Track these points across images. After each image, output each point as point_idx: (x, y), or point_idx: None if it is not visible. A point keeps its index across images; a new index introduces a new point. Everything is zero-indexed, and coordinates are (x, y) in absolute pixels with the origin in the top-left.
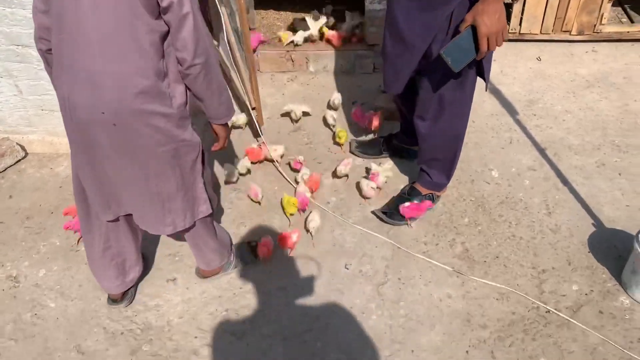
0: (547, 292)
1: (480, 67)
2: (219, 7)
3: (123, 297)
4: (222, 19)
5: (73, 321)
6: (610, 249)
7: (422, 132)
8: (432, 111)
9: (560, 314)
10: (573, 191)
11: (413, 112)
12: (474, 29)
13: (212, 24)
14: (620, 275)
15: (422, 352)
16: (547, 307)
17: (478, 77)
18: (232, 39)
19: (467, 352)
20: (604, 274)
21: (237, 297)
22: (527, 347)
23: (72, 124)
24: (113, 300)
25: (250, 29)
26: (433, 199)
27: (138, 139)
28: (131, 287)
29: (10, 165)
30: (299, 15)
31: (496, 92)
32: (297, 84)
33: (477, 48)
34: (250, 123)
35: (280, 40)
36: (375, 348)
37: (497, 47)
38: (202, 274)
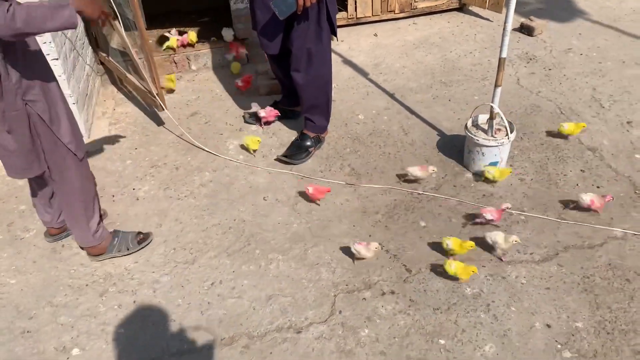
0: (416, 182)
1: (332, 27)
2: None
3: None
4: (117, 27)
5: (38, 288)
6: (453, 147)
7: (300, 82)
8: (303, 62)
9: (427, 193)
10: (419, 117)
11: (288, 75)
12: None
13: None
14: (462, 161)
15: (336, 237)
16: (418, 191)
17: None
18: (127, 40)
19: (368, 230)
20: (452, 164)
21: (179, 237)
22: (409, 218)
23: None
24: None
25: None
26: (320, 140)
27: None
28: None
29: None
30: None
31: (349, 63)
32: (184, 82)
33: (296, 3)
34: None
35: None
36: (302, 242)
37: (310, 4)
38: (87, 252)
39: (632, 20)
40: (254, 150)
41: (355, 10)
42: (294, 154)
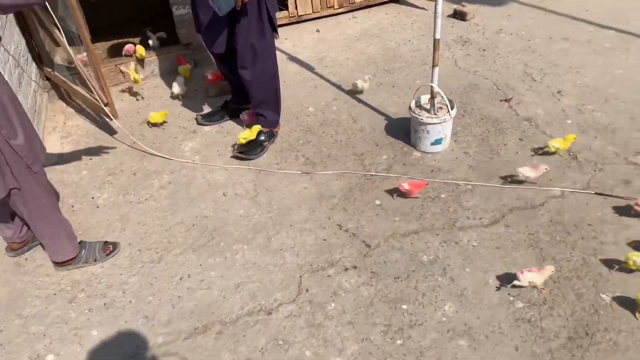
0: (368, 165)
1: (272, 24)
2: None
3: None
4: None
5: (4, 301)
6: (400, 130)
7: (247, 79)
8: (249, 58)
9: (380, 174)
10: (367, 104)
11: (235, 73)
12: None
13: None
14: (410, 141)
15: (297, 223)
16: (371, 173)
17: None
18: (71, 52)
19: (327, 214)
20: (400, 145)
21: (144, 239)
22: (364, 197)
23: None
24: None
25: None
26: (273, 134)
27: None
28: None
29: None
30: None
31: (295, 59)
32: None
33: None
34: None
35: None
36: (264, 231)
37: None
38: (56, 264)
39: (556, 0)
40: (161, 123)
41: (296, 8)
42: (249, 149)
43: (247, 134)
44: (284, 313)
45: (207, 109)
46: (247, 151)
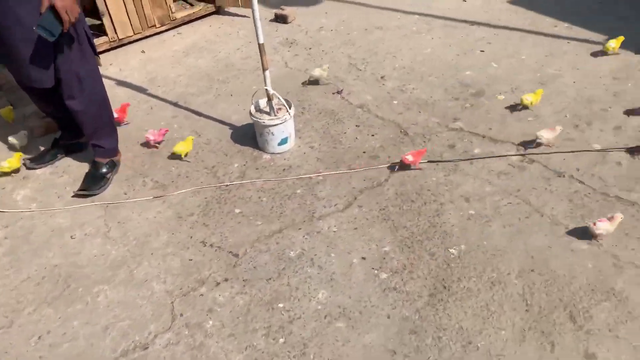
0: (221, 175)
1: (92, 46)
2: None
3: None
4: None
5: None
6: (246, 136)
7: (77, 109)
8: (76, 87)
9: (234, 182)
10: (209, 117)
11: (59, 107)
12: (53, 8)
13: None
14: (257, 145)
15: (158, 250)
16: (225, 184)
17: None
18: None
19: (188, 233)
20: (249, 150)
21: None
22: (223, 209)
23: None
24: None
25: None
26: (114, 163)
27: None
28: None
29: None
30: None
31: (124, 83)
32: None
33: (61, 22)
34: None
35: None
36: (125, 266)
37: (76, 19)
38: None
39: None
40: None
41: (116, 32)
42: (91, 185)
43: (184, 145)
44: (161, 344)
45: (34, 152)
46: (88, 187)
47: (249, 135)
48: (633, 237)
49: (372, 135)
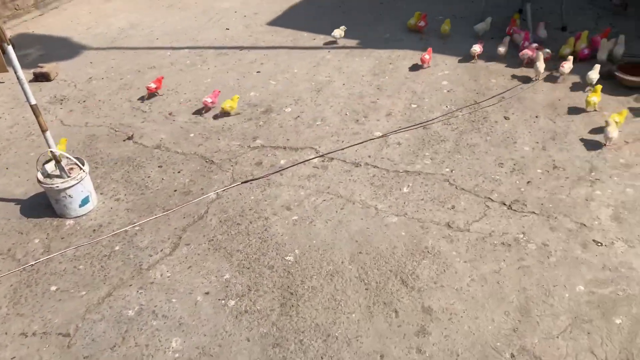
0: (21, 257)
1: None
2: None
3: None
4: None
5: None
6: (39, 207)
7: None
8: None
9: (40, 260)
10: None
11: None
12: None
13: None
14: (56, 213)
15: None
16: (30, 264)
17: None
18: None
19: (2, 329)
20: (47, 221)
21: None
22: (36, 291)
23: None
24: None
25: None
26: None
27: None
28: None
29: None
30: None
31: None
32: None
33: None
34: None
35: None
36: None
37: None
38: None
39: (126, 37)
40: None
41: None
42: None
43: (231, 103)
44: None
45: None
46: None
47: (44, 205)
48: (428, 200)
49: (179, 172)
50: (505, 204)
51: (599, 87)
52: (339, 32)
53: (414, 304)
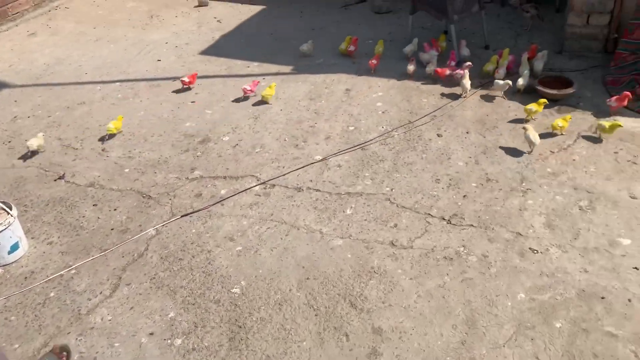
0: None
1: None
2: None
3: None
4: None
5: None
6: None
7: None
8: None
9: None
10: None
11: None
12: None
13: None
14: None
15: None
16: None
17: None
18: None
19: None
20: None
21: None
22: None
23: None
24: None
25: None
26: None
27: None
28: None
29: None
30: None
31: None
32: None
33: None
34: None
35: None
36: None
37: None
38: None
39: (52, 73)
40: None
41: None
42: None
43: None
44: None
45: None
46: None
47: None
48: (371, 220)
49: (115, 210)
50: (444, 219)
51: (543, 100)
52: (307, 47)
53: (364, 325)
